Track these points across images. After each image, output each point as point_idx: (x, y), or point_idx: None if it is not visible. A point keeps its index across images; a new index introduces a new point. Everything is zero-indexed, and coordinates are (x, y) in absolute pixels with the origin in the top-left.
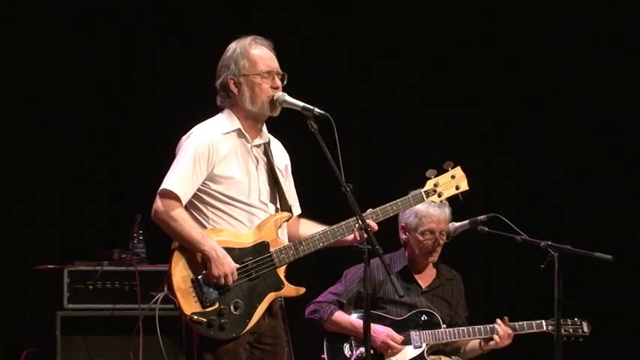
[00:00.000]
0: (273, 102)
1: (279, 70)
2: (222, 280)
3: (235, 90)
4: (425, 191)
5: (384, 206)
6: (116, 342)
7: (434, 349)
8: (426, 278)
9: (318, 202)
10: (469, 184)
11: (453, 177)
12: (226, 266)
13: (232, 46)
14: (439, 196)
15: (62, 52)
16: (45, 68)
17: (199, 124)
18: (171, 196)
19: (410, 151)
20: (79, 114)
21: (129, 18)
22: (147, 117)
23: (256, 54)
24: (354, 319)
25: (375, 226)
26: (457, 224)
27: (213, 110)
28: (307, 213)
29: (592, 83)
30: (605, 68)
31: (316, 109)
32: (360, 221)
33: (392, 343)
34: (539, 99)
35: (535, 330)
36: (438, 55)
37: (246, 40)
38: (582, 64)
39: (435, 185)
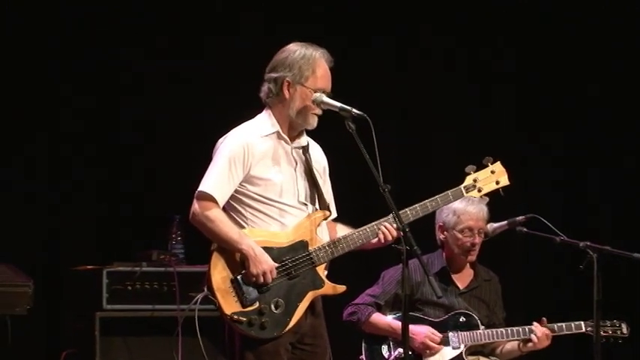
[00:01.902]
0: (313, 115)
1: (329, 89)
2: (261, 279)
3: (287, 94)
4: (464, 187)
5: (422, 203)
6: (155, 343)
7: (472, 350)
8: (463, 279)
9: (356, 203)
10: (509, 179)
11: (492, 172)
12: (264, 264)
13: (299, 49)
14: (479, 191)
15: (84, 51)
16: (71, 70)
17: (237, 127)
18: (208, 198)
19: (450, 151)
20: (118, 114)
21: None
22: (185, 117)
23: (322, 70)
24: (392, 321)
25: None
26: (496, 225)
27: (251, 112)
28: (345, 214)
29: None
30: None
31: (354, 110)
32: (398, 222)
33: (431, 343)
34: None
35: (574, 331)
36: (478, 50)
37: (317, 52)
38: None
39: (475, 181)
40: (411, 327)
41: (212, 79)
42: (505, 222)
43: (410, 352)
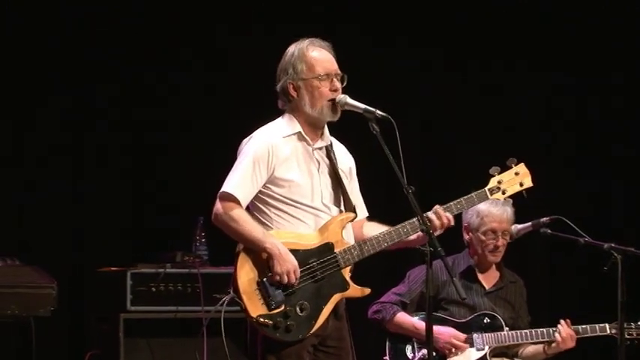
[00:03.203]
0: (334, 105)
1: (338, 72)
2: (285, 278)
3: (295, 94)
4: (489, 189)
5: (447, 205)
6: (179, 344)
7: (496, 352)
8: (489, 279)
9: (380, 205)
10: (533, 180)
11: (516, 174)
12: (289, 263)
13: (290, 49)
14: (503, 193)
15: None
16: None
17: (260, 128)
18: (230, 198)
19: (473, 152)
20: (144, 116)
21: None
22: (211, 118)
23: (314, 57)
24: (417, 321)
25: (451, 218)
26: (520, 226)
27: (277, 113)
28: (370, 215)
29: None
30: None
31: (378, 112)
32: (422, 224)
33: (456, 342)
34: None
35: (598, 333)
36: (501, 53)
37: (304, 43)
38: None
39: (499, 182)
40: (436, 327)
41: (240, 80)
42: (529, 223)
43: (434, 353)
